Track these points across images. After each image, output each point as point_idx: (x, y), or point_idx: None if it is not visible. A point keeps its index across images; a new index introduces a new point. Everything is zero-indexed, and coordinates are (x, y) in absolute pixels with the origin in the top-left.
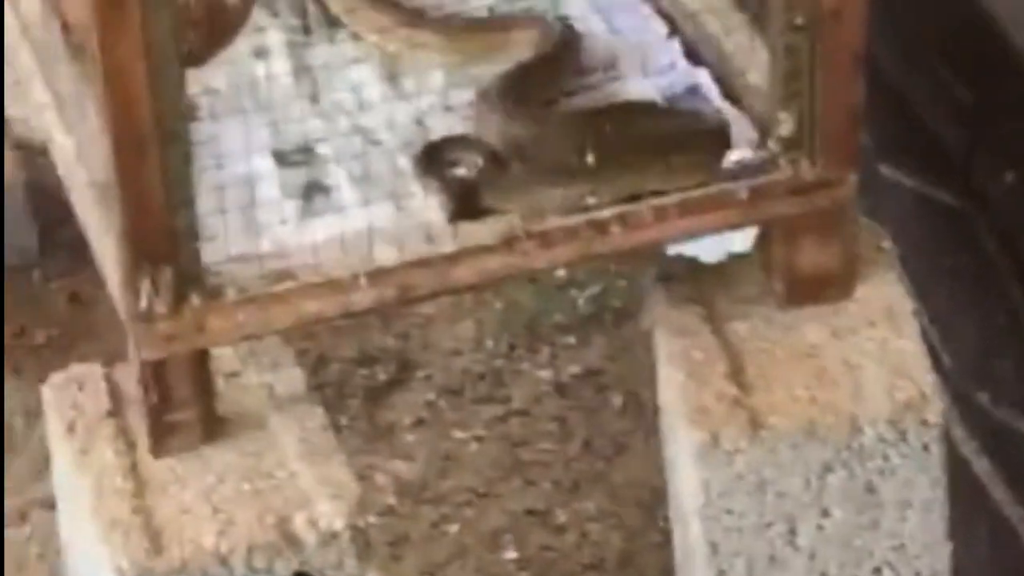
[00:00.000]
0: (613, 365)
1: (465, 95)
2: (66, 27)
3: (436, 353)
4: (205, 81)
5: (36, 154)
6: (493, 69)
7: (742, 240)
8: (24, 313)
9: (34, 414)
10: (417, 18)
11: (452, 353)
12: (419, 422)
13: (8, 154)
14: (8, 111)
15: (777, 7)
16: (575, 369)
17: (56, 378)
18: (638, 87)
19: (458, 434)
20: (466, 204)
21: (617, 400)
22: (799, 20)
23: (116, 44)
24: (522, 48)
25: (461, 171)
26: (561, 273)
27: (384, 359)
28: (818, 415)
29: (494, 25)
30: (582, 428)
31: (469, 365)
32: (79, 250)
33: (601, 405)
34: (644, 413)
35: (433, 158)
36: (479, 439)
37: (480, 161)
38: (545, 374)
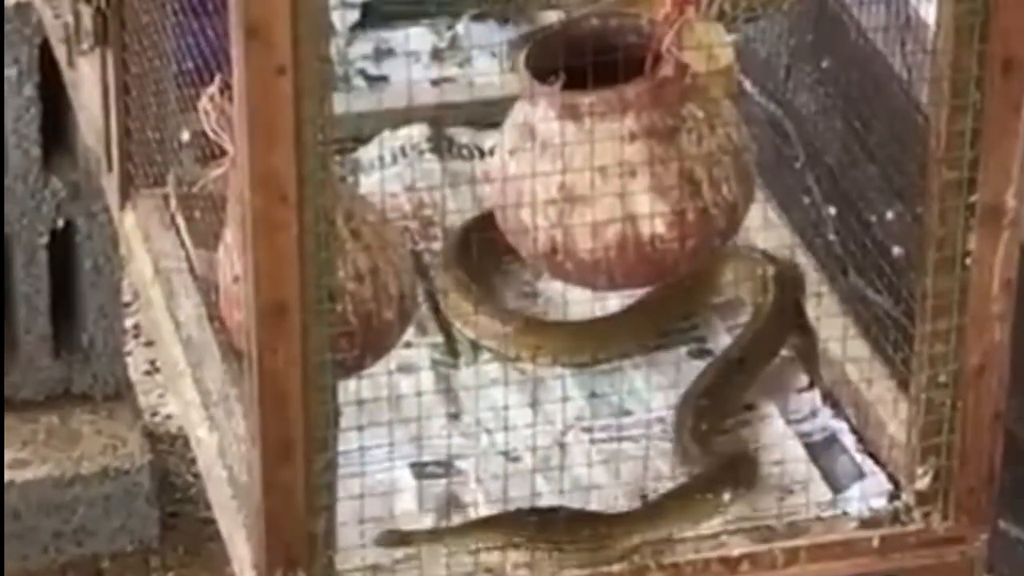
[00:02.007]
0: None
1: (605, 413)
2: (222, 328)
3: None
4: (352, 391)
5: (165, 444)
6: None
7: None
8: None
9: None
10: (533, 322)
11: None
12: None
13: (138, 439)
14: (142, 399)
15: (922, 363)
16: None
17: None
18: (778, 430)
19: None
20: None
21: None
22: (943, 377)
23: (274, 350)
24: None
25: None
26: None
27: None
28: None
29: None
30: None
31: None
32: (198, 542)
33: None
34: None
35: None
36: None
37: None
38: None
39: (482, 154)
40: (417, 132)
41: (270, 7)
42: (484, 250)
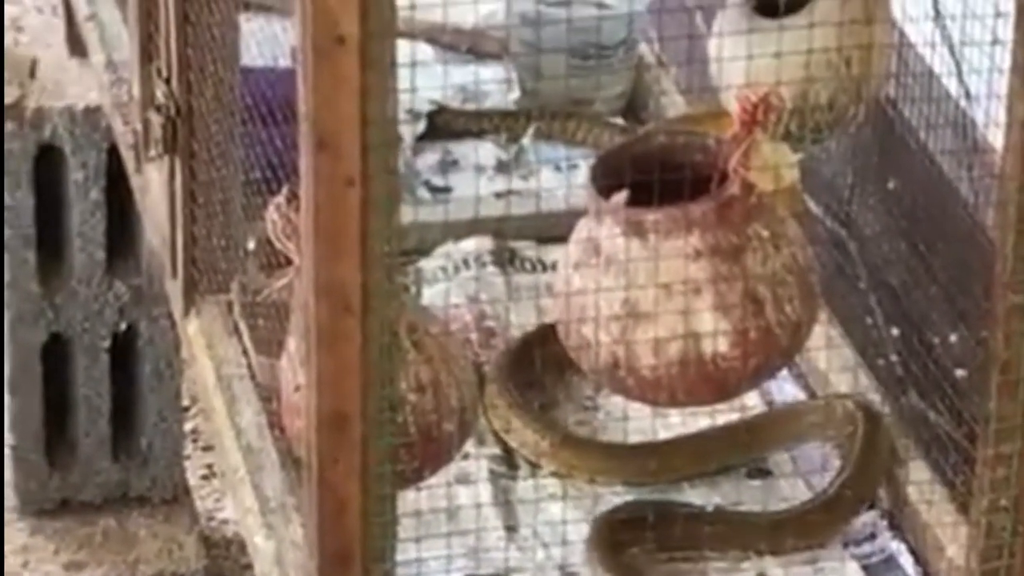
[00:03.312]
0: None
1: None
2: (282, 436)
3: None
4: (411, 501)
5: (220, 549)
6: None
7: None
8: None
9: None
10: (575, 440)
11: None
12: None
13: (194, 543)
14: (198, 503)
15: (983, 486)
16: None
17: None
18: (836, 552)
19: None
20: None
21: None
22: (1004, 501)
23: (335, 460)
24: None
25: None
26: None
27: None
28: None
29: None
30: None
31: None
32: None
33: None
34: None
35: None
36: None
37: None
38: None
39: (545, 268)
40: (480, 245)
41: (340, 119)
42: (545, 362)
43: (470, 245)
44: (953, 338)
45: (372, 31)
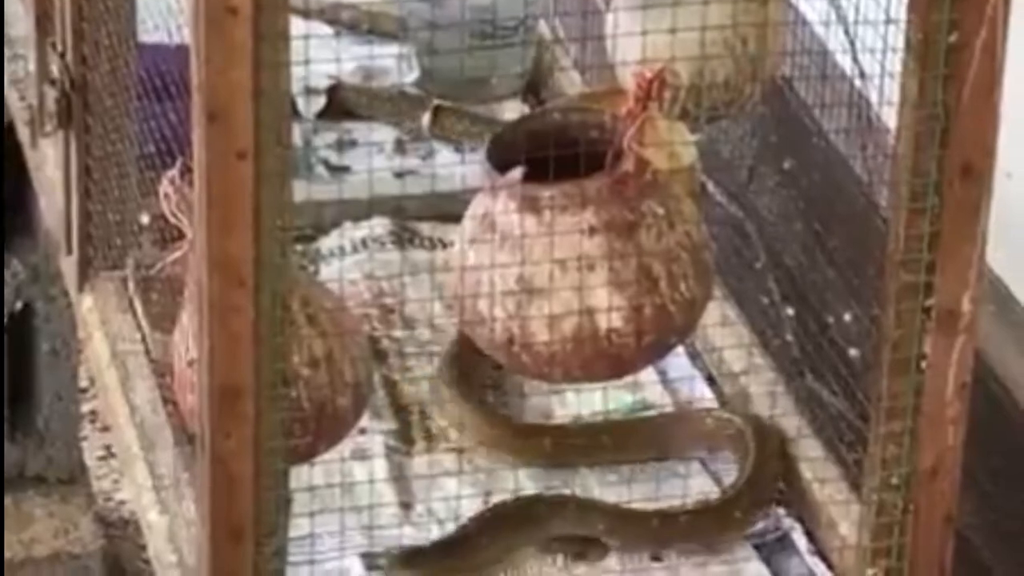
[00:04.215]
0: None
1: None
2: (176, 412)
3: None
4: (304, 478)
5: (117, 530)
6: None
7: None
8: None
9: None
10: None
11: None
12: None
13: (90, 524)
14: (95, 484)
15: (875, 464)
16: None
17: None
18: None
19: None
20: None
21: None
22: (895, 479)
23: (227, 434)
24: None
25: None
26: None
27: None
28: None
29: None
30: None
31: None
32: None
33: None
34: None
35: None
36: None
37: None
38: None
39: (444, 246)
40: (379, 225)
41: (232, 91)
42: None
43: (368, 226)
44: (847, 317)
45: (264, 2)
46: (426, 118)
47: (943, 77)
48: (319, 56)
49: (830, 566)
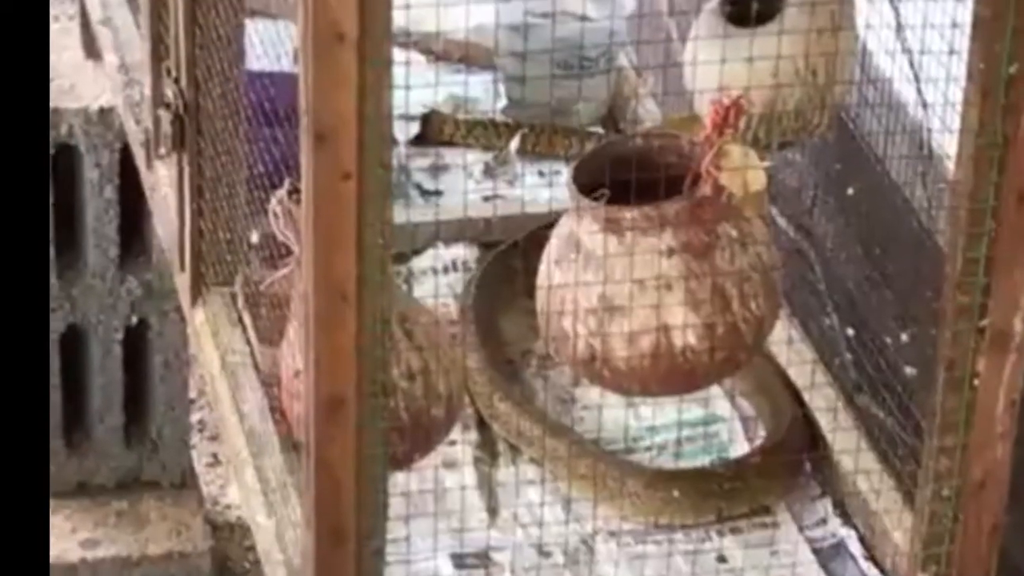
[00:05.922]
0: None
1: None
2: (283, 420)
3: None
4: (400, 483)
5: (224, 532)
6: None
7: None
8: None
9: None
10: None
11: None
12: None
13: (200, 525)
14: (204, 489)
15: (927, 476)
16: None
17: None
18: (790, 536)
19: None
20: None
21: None
22: (946, 491)
23: (330, 443)
24: None
25: None
26: None
27: None
28: None
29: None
30: None
31: None
32: None
33: None
34: None
35: None
36: None
37: None
38: None
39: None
40: (467, 251)
41: (338, 115)
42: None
43: (458, 250)
44: (904, 337)
45: (369, 29)
46: (514, 144)
47: (1002, 107)
48: (417, 88)
49: (883, 571)
